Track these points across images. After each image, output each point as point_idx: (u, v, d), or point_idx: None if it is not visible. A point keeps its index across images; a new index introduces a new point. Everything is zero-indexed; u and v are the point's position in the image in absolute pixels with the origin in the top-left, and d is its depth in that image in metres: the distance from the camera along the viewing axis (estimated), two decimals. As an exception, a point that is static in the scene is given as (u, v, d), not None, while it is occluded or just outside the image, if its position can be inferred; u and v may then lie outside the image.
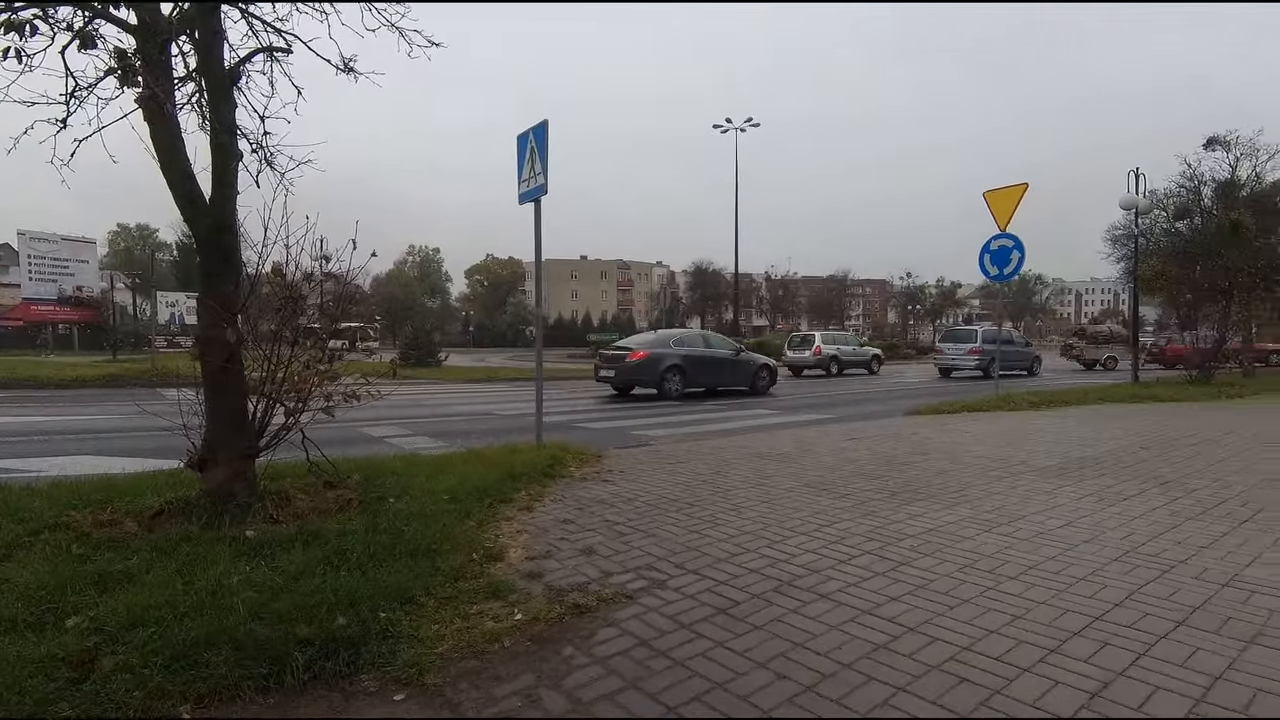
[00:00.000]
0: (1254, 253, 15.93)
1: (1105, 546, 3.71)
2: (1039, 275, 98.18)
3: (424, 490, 4.51)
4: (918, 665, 2.42)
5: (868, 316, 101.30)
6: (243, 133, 4.15)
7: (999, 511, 4.44)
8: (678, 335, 16.17)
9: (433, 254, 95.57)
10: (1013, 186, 11.09)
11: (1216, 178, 16.94)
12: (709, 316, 76.85)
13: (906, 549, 3.70)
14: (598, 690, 2.29)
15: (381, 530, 3.58)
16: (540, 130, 6.13)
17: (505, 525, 4.14)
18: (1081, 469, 5.79)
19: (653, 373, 14.14)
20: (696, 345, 15.42)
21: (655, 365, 14.15)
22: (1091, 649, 2.52)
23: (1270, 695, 2.18)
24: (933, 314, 76.76)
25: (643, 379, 14.37)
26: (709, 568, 3.44)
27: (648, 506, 4.64)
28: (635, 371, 14.27)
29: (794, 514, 4.42)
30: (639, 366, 14.18)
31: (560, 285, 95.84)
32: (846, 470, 5.81)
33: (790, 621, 2.80)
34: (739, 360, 15.58)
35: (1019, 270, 11.55)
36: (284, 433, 4.14)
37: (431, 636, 2.63)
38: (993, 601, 2.98)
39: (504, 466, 5.32)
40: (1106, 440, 7.35)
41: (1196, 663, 2.41)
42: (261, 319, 4.26)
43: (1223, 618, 2.79)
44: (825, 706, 2.16)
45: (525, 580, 3.24)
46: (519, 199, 6.48)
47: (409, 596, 2.91)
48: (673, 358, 14.36)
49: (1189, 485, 5.16)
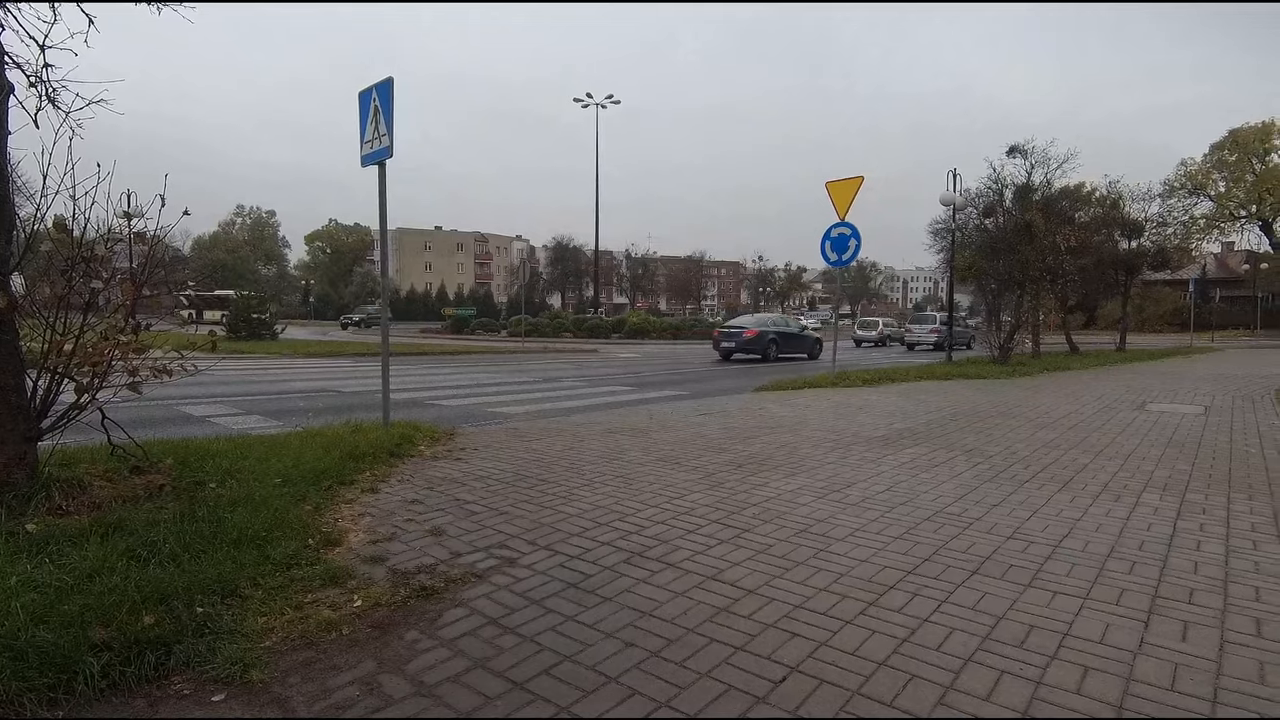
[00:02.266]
0: (1042, 250, 18.33)
1: (918, 508, 4.15)
2: (874, 262, 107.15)
3: (253, 473, 4.14)
4: (755, 625, 2.57)
5: (722, 297, 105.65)
6: (14, 60, 3.51)
7: (831, 480, 4.82)
8: (770, 319, 23.05)
9: (267, 216, 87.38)
10: (851, 178, 11.92)
11: (1016, 182, 19.25)
12: (569, 293, 76.68)
13: (749, 517, 3.92)
14: (444, 672, 2.22)
15: (199, 519, 3.24)
16: (384, 88, 5.72)
17: (346, 508, 3.90)
18: (902, 439, 6.41)
19: (760, 344, 19.89)
20: (781, 326, 21.82)
21: (762, 339, 20.02)
22: (904, 600, 2.81)
23: (1042, 631, 2.55)
24: (781, 296, 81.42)
25: (753, 349, 19.89)
26: (561, 543, 3.45)
27: (501, 484, 4.56)
28: (749, 344, 19.94)
29: (646, 488, 4.53)
30: (752, 340, 19.97)
31: (413, 256, 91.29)
32: (697, 444, 6.04)
33: (639, 591, 2.88)
34: (803, 335, 21.83)
35: (855, 256, 12.47)
36: (75, 412, 3.61)
37: (258, 630, 2.43)
38: (823, 562, 3.24)
39: (346, 446, 5.00)
40: (923, 413, 8.20)
41: (985, 605, 2.76)
42: (43, 281, 3.66)
43: (1006, 565, 3.21)
44: (669, 669, 2.25)
45: (366, 565, 3.08)
46: (361, 161, 6.03)
47: (232, 589, 2.67)
48: (771, 333, 20.42)
49: (987, 452, 5.88)
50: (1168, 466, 5.39)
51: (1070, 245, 20.36)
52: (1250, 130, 49.37)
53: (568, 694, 2.11)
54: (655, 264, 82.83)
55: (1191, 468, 5.37)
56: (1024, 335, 18.13)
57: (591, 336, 33.35)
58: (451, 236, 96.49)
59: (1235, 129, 49.82)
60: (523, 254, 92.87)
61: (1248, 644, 2.45)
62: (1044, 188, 19.14)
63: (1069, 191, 21.18)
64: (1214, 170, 51.17)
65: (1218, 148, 50.97)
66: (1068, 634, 2.51)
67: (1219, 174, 51.07)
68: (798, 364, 19.29)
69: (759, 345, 20.03)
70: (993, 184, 18.99)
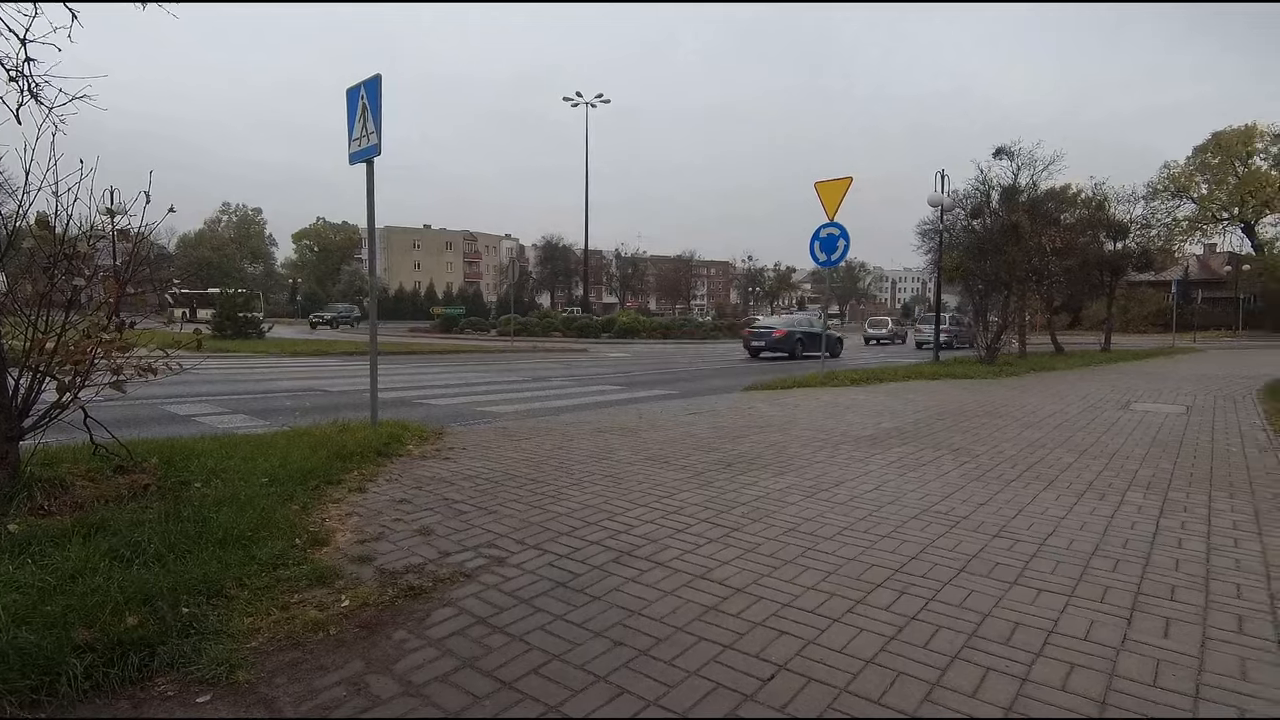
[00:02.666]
0: (1028, 251, 18.49)
1: (905, 507, 4.17)
2: (863, 263, 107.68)
3: (239, 473, 4.10)
4: (743, 623, 2.58)
5: (712, 297, 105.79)
6: (-7, 53, 3.46)
7: (820, 479, 4.84)
8: (798, 319, 25.38)
9: (253, 214, 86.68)
10: (840, 179, 11.96)
11: (1002, 183, 19.41)
12: (559, 292, 76.54)
13: (738, 516, 3.93)
14: (432, 672, 2.22)
15: (185, 518, 3.21)
16: (373, 85, 5.68)
17: (333, 508, 3.88)
18: (889, 438, 6.45)
19: (789, 343, 21.55)
20: (806, 326, 23.11)
21: (790, 338, 21.62)
22: (891, 598, 2.83)
23: (1027, 628, 2.57)
24: (771, 295, 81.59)
25: (782, 347, 21.49)
26: (550, 542, 3.44)
27: (490, 484, 4.55)
28: (778, 342, 21.56)
29: (635, 487, 4.54)
30: (781, 339, 21.58)
31: (402, 255, 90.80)
32: (686, 444, 6.05)
33: (628, 590, 2.88)
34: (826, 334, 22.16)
35: (844, 257, 12.51)
36: (58, 411, 3.57)
37: (244, 630, 2.42)
38: (811, 560, 3.25)
39: (333, 446, 4.97)
40: (911, 413, 8.25)
41: (971, 603, 2.78)
42: (25, 278, 3.61)
43: (992, 563, 3.23)
44: (658, 668, 2.25)
45: (354, 564, 3.06)
46: (349, 159, 5.99)
47: (218, 589, 2.64)
48: (798, 333, 22.03)
49: (974, 451, 5.92)
50: (1151, 465, 5.46)
51: (1056, 246, 20.52)
52: (1233, 133, 50.07)
53: (556, 693, 2.11)
54: (645, 263, 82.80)
55: (1174, 467, 5.43)
56: (1010, 336, 18.28)
57: (581, 336, 33.33)
58: (440, 235, 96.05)
59: (1218, 132, 50.54)
60: (512, 253, 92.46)
61: (1229, 640, 2.48)
62: (1030, 189, 19.33)
63: (1055, 193, 21.36)
64: (1197, 173, 51.87)
65: (1201, 150, 51.68)
66: (1053, 631, 2.54)
67: (1202, 176, 51.77)
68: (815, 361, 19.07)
69: (787, 344, 21.64)
70: (980, 185, 19.15)
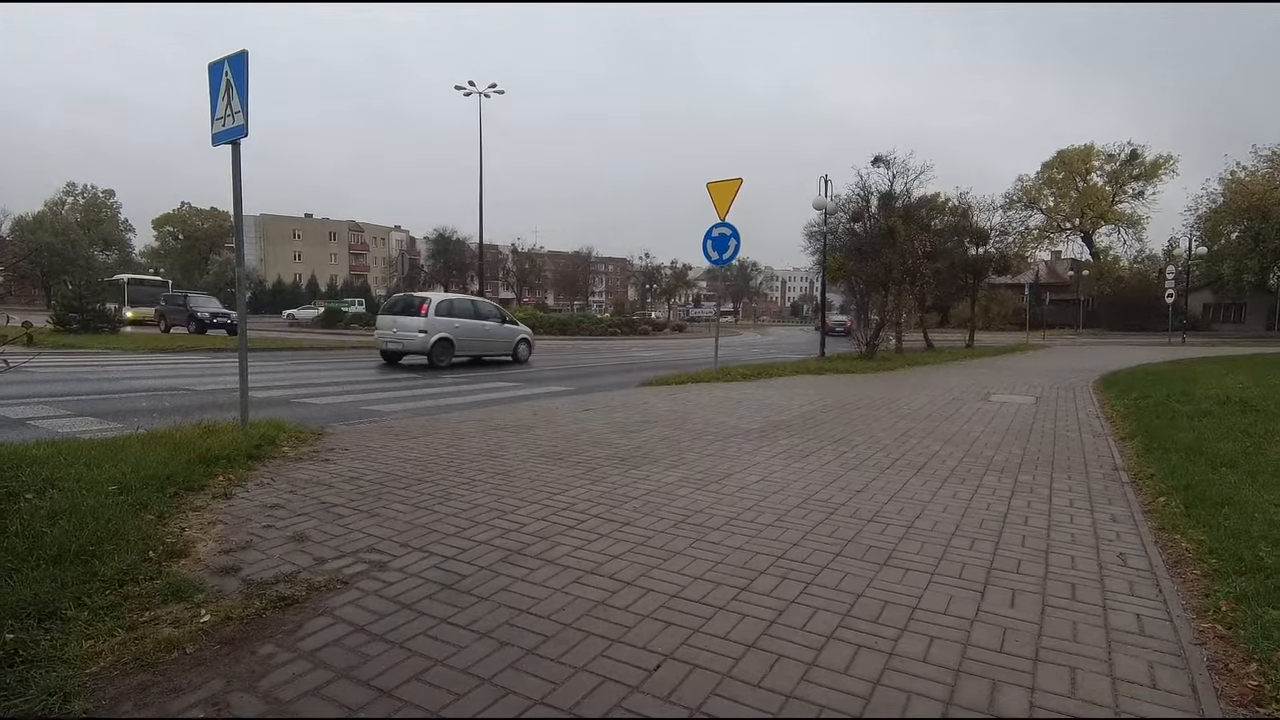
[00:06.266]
0: (903, 254, 19.81)
1: (789, 496, 4.35)
2: (754, 262, 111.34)
3: (81, 481, 3.70)
4: (631, 616, 2.60)
5: (610, 293, 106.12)
6: None
7: (710, 471, 4.96)
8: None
9: (104, 197, 78.63)
10: (730, 180, 12.32)
11: (880, 190, 20.69)
12: (453, 286, 74.20)
13: (630, 510, 3.96)
14: (302, 686, 2.09)
15: (10, 534, 2.86)
16: (238, 61, 5.25)
17: (195, 516, 3.58)
18: (776, 431, 6.71)
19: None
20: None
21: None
22: (773, 584, 2.94)
23: (895, 605, 2.74)
24: (667, 292, 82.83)
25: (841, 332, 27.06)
26: (436, 544, 3.33)
27: (373, 485, 4.35)
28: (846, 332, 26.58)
29: (527, 485, 4.48)
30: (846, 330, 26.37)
31: (280, 245, 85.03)
32: (581, 439, 6.03)
33: (516, 589, 2.83)
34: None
35: (735, 256, 12.91)
36: None
37: (83, 655, 2.18)
38: (699, 551, 3.33)
39: (196, 449, 4.58)
40: (797, 406, 8.62)
41: (846, 585, 2.94)
42: None
43: (866, 547, 3.43)
44: (544, 666, 2.23)
45: (216, 576, 2.84)
46: (212, 140, 5.52)
47: (50, 610, 2.38)
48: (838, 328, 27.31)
49: (853, 441, 6.27)
50: (1005, 451, 5.98)
51: (927, 250, 22.09)
52: (1075, 152, 55.77)
53: (439, 698, 2.04)
54: (543, 259, 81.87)
55: (1024, 452, 5.98)
56: (889, 332, 19.52)
57: (476, 332, 32.44)
58: (323, 225, 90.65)
59: (1063, 150, 56.13)
60: (402, 245, 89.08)
61: (1065, 606, 2.75)
62: (904, 196, 20.68)
63: (926, 200, 22.96)
64: (1045, 186, 57.39)
65: (1048, 166, 57.19)
66: (917, 607, 2.72)
67: (1049, 190, 57.34)
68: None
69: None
70: (860, 191, 20.30)
